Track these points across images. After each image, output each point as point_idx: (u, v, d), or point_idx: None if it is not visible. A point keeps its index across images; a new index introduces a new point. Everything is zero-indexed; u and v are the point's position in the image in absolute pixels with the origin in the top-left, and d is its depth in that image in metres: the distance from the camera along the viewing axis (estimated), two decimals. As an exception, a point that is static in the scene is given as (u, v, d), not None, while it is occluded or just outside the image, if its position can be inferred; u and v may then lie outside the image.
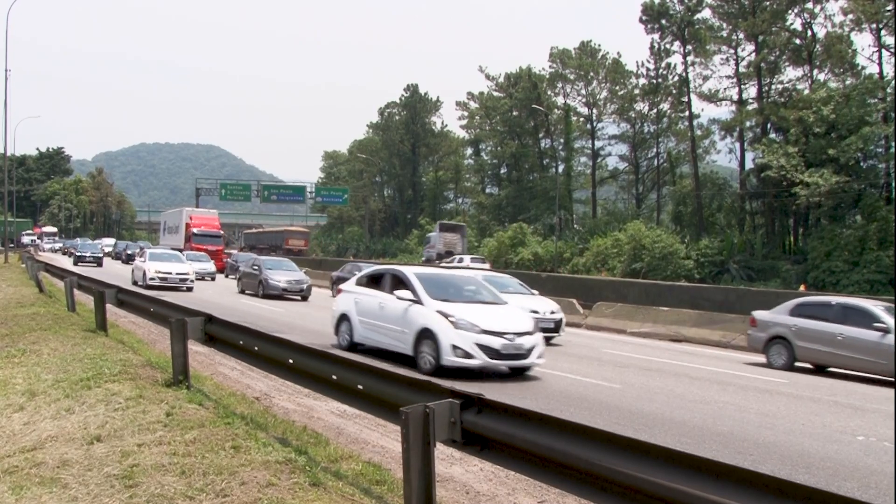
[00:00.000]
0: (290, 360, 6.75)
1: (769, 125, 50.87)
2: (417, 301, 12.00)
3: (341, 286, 15.08)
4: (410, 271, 13.17)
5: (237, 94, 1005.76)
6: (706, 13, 55.97)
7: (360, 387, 5.68)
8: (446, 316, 11.42)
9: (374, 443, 7.28)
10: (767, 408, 10.57)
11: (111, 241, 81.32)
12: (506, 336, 11.30)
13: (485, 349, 11.12)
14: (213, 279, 37.02)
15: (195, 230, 49.93)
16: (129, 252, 55.64)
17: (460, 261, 49.97)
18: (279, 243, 68.75)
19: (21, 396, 7.87)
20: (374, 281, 13.85)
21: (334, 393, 6.23)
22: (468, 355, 11.10)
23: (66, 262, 41.69)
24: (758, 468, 5.80)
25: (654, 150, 68.24)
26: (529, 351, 11.58)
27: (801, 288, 35.34)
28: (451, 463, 6.52)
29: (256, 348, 7.45)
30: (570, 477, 3.93)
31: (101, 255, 51.03)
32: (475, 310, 11.92)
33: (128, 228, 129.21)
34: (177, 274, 28.31)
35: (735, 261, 46.40)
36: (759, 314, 16.51)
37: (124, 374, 8.70)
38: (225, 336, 8.26)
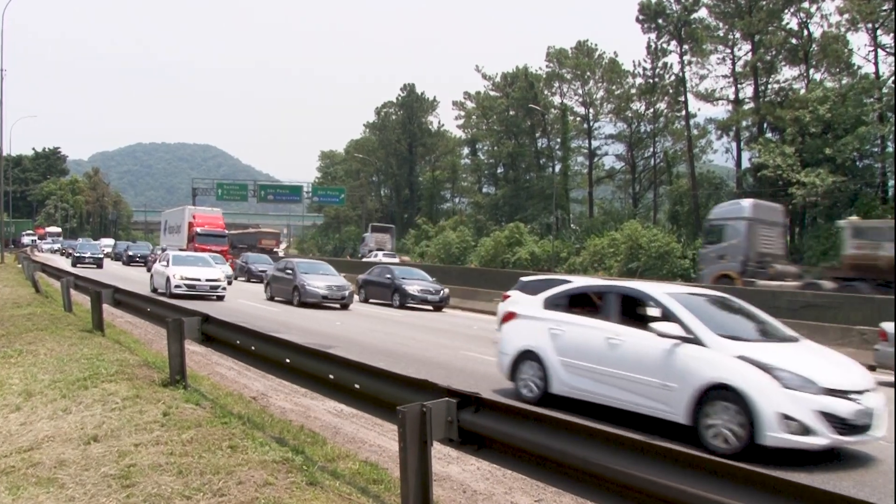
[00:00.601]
0: (287, 360, 6.74)
1: (765, 125, 51.02)
2: (693, 340, 7.91)
3: (515, 309, 10.79)
4: (660, 291, 9.03)
5: (234, 93, 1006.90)
6: (703, 13, 56.27)
7: (356, 386, 5.67)
8: (766, 368, 7.37)
9: (371, 442, 7.28)
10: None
11: (110, 241, 78.88)
12: (850, 396, 7.34)
13: (830, 419, 7.15)
14: (229, 283, 32.11)
15: (199, 230, 48.13)
16: (130, 253, 53.38)
17: (375, 255, 55.11)
18: (254, 243, 69.67)
19: (18, 397, 7.86)
20: (581, 303, 9.87)
21: (331, 392, 6.22)
22: (806, 430, 7.08)
23: (63, 264, 41.22)
24: (755, 467, 5.82)
25: (651, 149, 68.34)
26: (874, 417, 7.48)
27: (798, 287, 35.38)
28: (447, 462, 6.52)
29: (253, 348, 7.44)
30: (568, 476, 3.93)
31: (101, 255, 48.38)
32: (789, 353, 7.94)
33: (124, 228, 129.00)
34: (206, 280, 24.30)
35: (731, 260, 46.46)
36: (890, 326, 13.98)
37: (121, 374, 8.69)
38: (222, 336, 8.25)
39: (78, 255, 46.63)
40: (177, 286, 23.57)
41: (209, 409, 7.32)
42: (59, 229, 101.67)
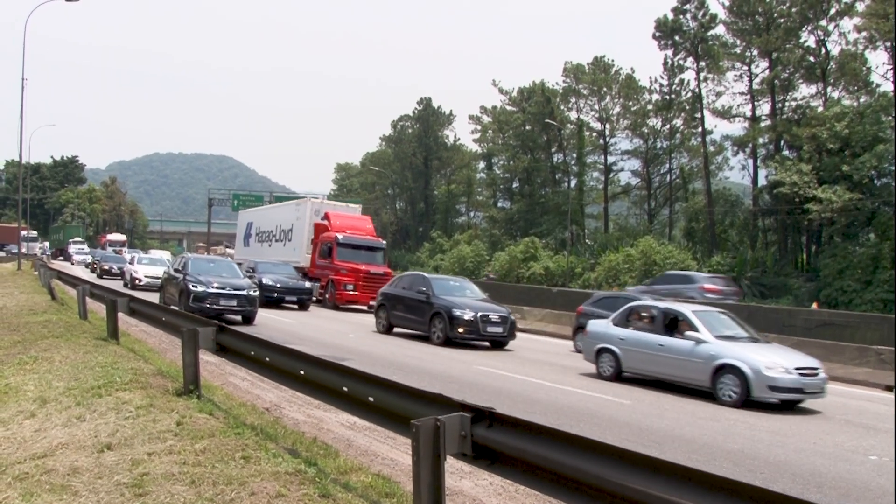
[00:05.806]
0: (302, 372, 6.75)
1: (782, 142, 50.75)
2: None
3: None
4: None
5: (250, 104, 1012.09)
6: (720, 29, 56.01)
7: (370, 399, 5.67)
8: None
9: (383, 455, 7.27)
10: (778, 426, 10.49)
11: (164, 254, 49.99)
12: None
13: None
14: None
15: (339, 237, 29.91)
16: (266, 281, 25.83)
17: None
18: None
19: (32, 403, 7.91)
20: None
21: (345, 405, 6.22)
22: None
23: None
24: (769, 487, 5.76)
25: (667, 165, 68.06)
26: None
27: (814, 306, 35.14)
28: (460, 476, 6.50)
29: (268, 359, 7.45)
30: (581, 492, 3.91)
31: (253, 294, 20.36)
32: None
33: (140, 237, 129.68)
34: None
35: (747, 277, 46.16)
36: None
37: (135, 383, 8.72)
38: (236, 346, 8.27)
39: (199, 288, 19.88)
40: None
41: (222, 420, 7.34)
42: (123, 237, 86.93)
